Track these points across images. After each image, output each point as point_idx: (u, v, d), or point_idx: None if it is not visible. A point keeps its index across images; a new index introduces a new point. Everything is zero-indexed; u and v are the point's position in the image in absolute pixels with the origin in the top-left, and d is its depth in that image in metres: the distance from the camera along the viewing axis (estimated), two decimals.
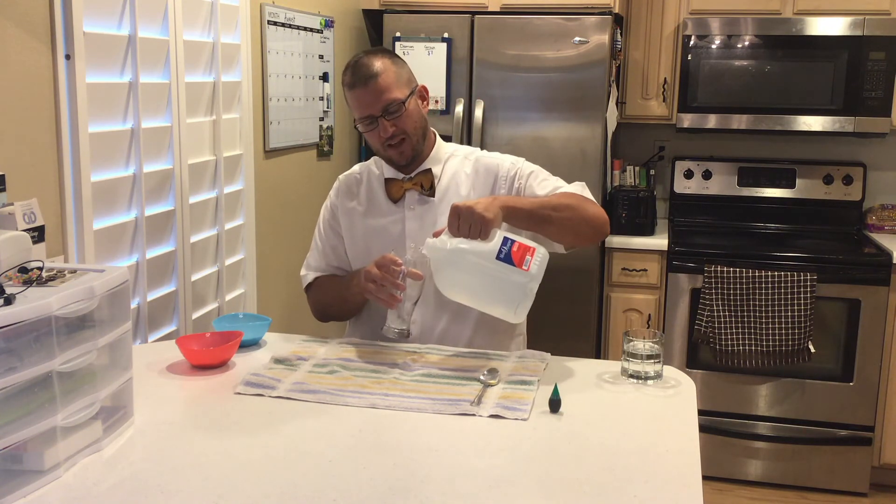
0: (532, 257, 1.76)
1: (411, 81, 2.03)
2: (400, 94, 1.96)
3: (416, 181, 2.05)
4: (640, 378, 1.77)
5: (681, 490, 1.32)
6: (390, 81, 1.95)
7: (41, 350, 1.26)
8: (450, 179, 2.08)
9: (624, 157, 3.90)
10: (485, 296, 1.81)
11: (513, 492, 1.29)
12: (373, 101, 1.95)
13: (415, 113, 2.01)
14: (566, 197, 1.96)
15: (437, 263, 1.79)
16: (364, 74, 1.94)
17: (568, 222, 1.92)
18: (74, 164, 1.86)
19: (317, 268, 2.17)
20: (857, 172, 3.76)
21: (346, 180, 2.17)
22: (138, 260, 2.11)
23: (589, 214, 1.95)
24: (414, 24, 3.39)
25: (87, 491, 1.27)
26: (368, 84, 1.94)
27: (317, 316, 2.19)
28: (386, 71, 1.95)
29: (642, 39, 3.70)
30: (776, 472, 3.45)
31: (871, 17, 3.41)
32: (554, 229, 1.92)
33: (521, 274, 1.74)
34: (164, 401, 1.64)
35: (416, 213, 2.06)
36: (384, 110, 1.95)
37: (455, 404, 1.60)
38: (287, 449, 1.43)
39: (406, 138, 1.99)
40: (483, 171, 2.08)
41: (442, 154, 2.10)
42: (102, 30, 1.96)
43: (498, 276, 1.75)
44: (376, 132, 1.98)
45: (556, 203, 1.92)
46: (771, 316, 3.27)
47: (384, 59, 1.98)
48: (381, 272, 1.84)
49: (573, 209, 1.93)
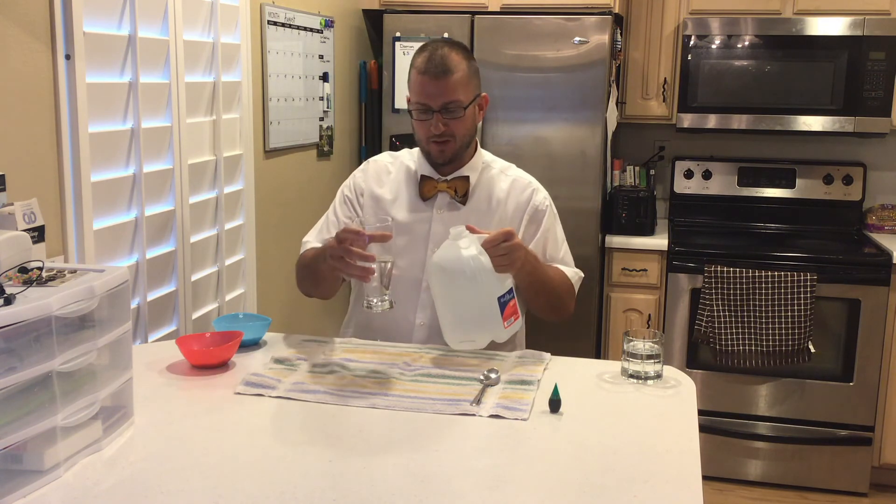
0: (514, 321, 1.86)
1: (477, 88, 2.02)
2: (464, 97, 1.96)
3: (452, 185, 2.05)
4: (640, 378, 1.77)
5: (681, 490, 1.32)
6: (460, 82, 1.94)
7: (41, 350, 1.26)
8: (483, 191, 2.08)
9: (624, 157, 3.90)
10: (459, 311, 1.85)
11: (513, 492, 1.29)
12: (437, 95, 1.94)
13: (470, 119, 2.00)
14: (566, 287, 2.08)
15: (448, 253, 1.79)
16: (440, 66, 1.93)
17: (550, 302, 2.05)
18: (74, 164, 1.86)
19: (321, 241, 2.09)
20: (857, 172, 3.76)
21: (375, 166, 2.15)
22: (138, 260, 2.11)
23: (565, 307, 2.08)
24: (414, 24, 3.39)
25: (87, 491, 1.27)
26: (440, 77, 1.93)
27: (300, 289, 2.12)
28: (460, 70, 1.94)
29: (642, 39, 3.70)
30: (776, 472, 3.45)
31: (871, 17, 3.41)
32: (536, 301, 2.03)
33: (499, 326, 1.83)
34: (164, 401, 1.64)
35: (444, 217, 2.05)
36: (443, 107, 1.94)
37: (455, 404, 1.60)
38: (287, 449, 1.43)
39: (452, 140, 1.98)
40: (517, 192, 2.09)
41: (479, 163, 2.10)
42: (102, 30, 1.96)
43: (482, 310, 1.82)
44: (427, 124, 1.97)
45: (557, 290, 2.04)
46: (771, 316, 3.27)
47: (462, 57, 1.97)
48: (344, 245, 1.73)
49: (562, 299, 2.06)
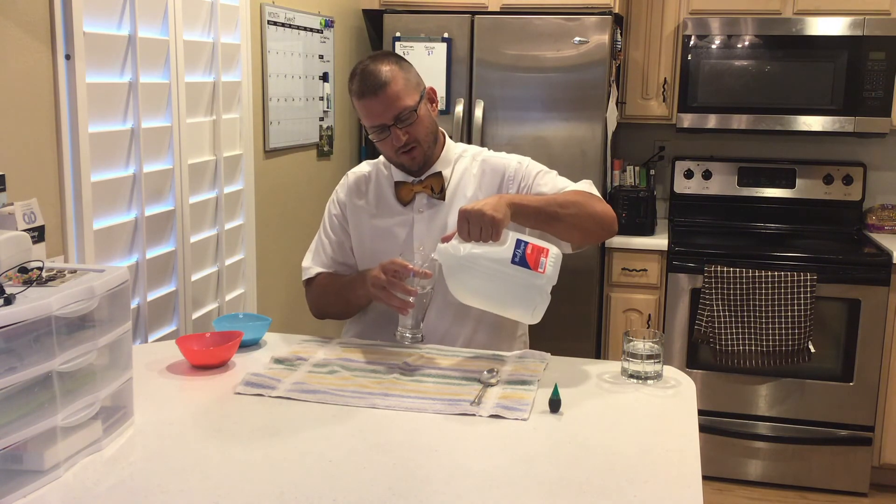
0: (546, 258, 1.75)
1: (419, 85, 1.99)
2: (411, 101, 1.93)
3: (427, 184, 2.04)
4: (640, 378, 1.77)
5: (681, 490, 1.32)
6: (400, 89, 1.91)
7: (41, 350, 1.26)
8: (458, 181, 2.06)
9: (624, 157, 3.90)
10: (501, 300, 1.80)
11: (513, 492, 1.29)
12: (384, 111, 1.91)
13: (426, 118, 1.98)
14: (573, 194, 1.93)
15: (450, 269, 1.76)
16: (373, 83, 1.89)
17: (575, 219, 1.89)
18: (74, 164, 1.86)
19: (322, 263, 2.13)
20: (857, 172, 3.76)
21: (354, 178, 2.14)
22: (138, 260, 2.11)
23: (596, 211, 1.92)
24: (414, 24, 3.39)
25: (87, 491, 1.27)
26: (378, 93, 1.89)
27: (314, 313, 2.16)
28: (395, 78, 1.91)
29: (642, 39, 3.70)
30: (776, 472, 3.45)
31: (871, 17, 3.41)
32: (562, 227, 1.89)
33: (537, 276, 1.73)
34: (164, 401, 1.64)
35: (425, 216, 2.04)
36: (396, 119, 1.91)
37: (455, 404, 1.60)
38: (287, 449, 1.43)
39: (418, 146, 1.97)
40: (490, 171, 2.06)
41: (451, 155, 2.08)
42: (102, 30, 1.96)
43: (514, 280, 1.74)
44: (388, 140, 1.94)
45: (564, 200, 1.90)
46: (771, 316, 3.27)
47: (392, 64, 1.93)
48: (387, 277, 1.82)
49: (580, 206, 1.90)
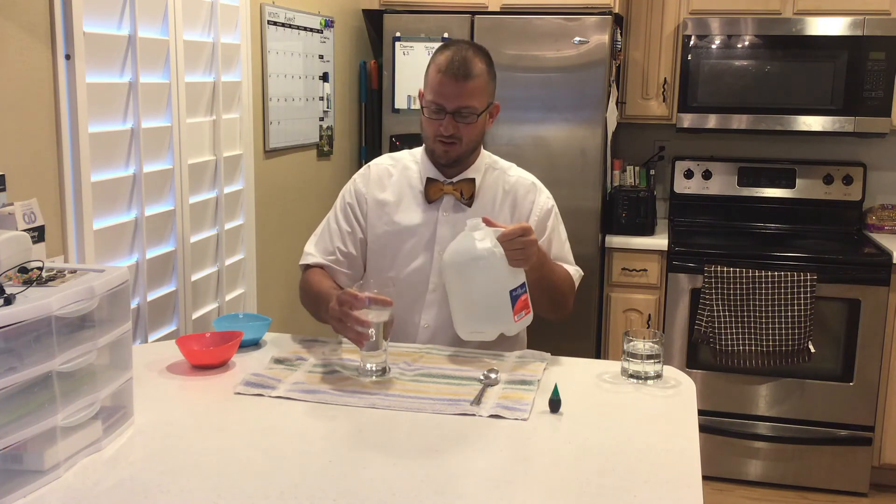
0: (525, 316, 1.85)
1: (492, 95, 2.01)
2: (479, 103, 1.95)
3: (458, 187, 2.04)
4: (640, 378, 1.77)
5: (681, 490, 1.32)
6: (478, 88, 1.93)
7: (41, 350, 1.26)
8: (488, 192, 2.07)
9: (624, 157, 3.90)
10: (468, 299, 1.84)
11: (513, 492, 1.29)
12: (453, 98, 1.92)
13: (480, 126, 1.99)
14: (568, 285, 2.07)
15: (467, 246, 1.79)
16: (462, 70, 1.91)
17: (550, 303, 2.02)
18: (74, 164, 1.86)
19: (325, 249, 2.09)
20: (857, 172, 3.76)
21: (377, 170, 2.12)
22: (138, 260, 2.11)
23: (566, 307, 2.07)
24: (414, 24, 3.39)
25: (87, 491, 1.27)
26: (459, 80, 1.91)
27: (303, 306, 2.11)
28: (481, 77, 1.94)
29: (642, 39, 3.70)
30: (776, 472, 3.45)
31: (871, 17, 3.41)
32: (539, 299, 1.97)
33: (509, 319, 1.82)
34: (164, 401, 1.64)
35: (450, 219, 2.04)
36: (457, 110, 1.93)
37: (455, 404, 1.60)
38: (287, 449, 1.43)
39: (459, 144, 1.98)
40: (521, 196, 2.09)
41: (483, 164, 2.09)
42: (102, 30, 1.96)
43: (494, 302, 1.81)
44: (437, 123, 1.96)
45: (561, 287, 2.03)
46: (771, 316, 3.26)
47: (484, 64, 1.96)
48: (342, 308, 1.72)
49: (564, 298, 2.05)
